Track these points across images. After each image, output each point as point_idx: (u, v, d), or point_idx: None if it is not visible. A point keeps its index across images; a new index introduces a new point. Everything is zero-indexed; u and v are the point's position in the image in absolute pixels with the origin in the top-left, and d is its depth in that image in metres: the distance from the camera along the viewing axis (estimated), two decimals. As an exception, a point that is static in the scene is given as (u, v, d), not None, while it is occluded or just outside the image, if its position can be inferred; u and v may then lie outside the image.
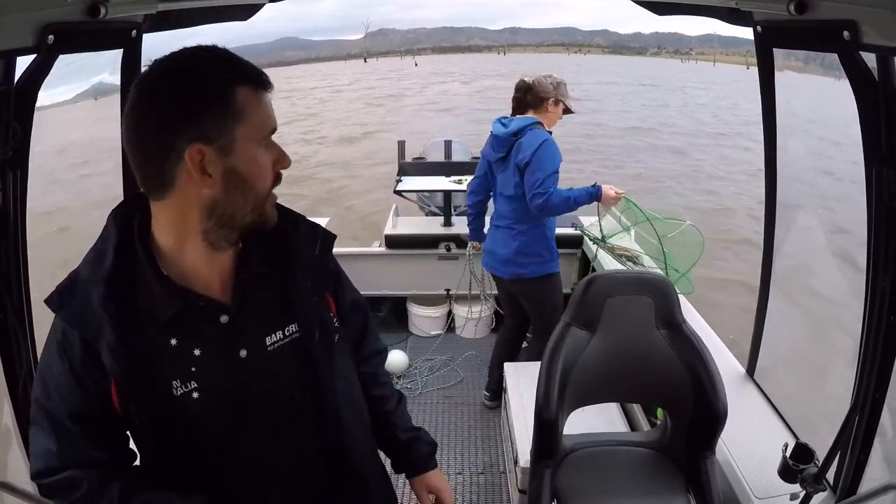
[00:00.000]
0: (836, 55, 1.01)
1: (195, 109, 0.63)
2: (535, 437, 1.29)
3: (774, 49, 1.32)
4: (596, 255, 2.57)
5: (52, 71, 0.96)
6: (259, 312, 0.74)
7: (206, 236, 0.68)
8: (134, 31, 1.15)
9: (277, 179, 0.70)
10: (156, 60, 0.65)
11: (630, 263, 2.21)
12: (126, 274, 0.68)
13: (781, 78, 1.35)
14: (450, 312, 3.01)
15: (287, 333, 0.75)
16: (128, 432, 0.74)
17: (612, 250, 2.27)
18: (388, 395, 0.96)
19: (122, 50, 1.18)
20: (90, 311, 0.66)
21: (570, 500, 1.31)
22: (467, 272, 2.74)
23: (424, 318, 2.96)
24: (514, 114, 2.10)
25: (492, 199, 2.26)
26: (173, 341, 0.69)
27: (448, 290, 2.93)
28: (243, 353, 0.72)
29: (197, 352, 0.70)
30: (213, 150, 0.64)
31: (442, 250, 2.83)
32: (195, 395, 0.70)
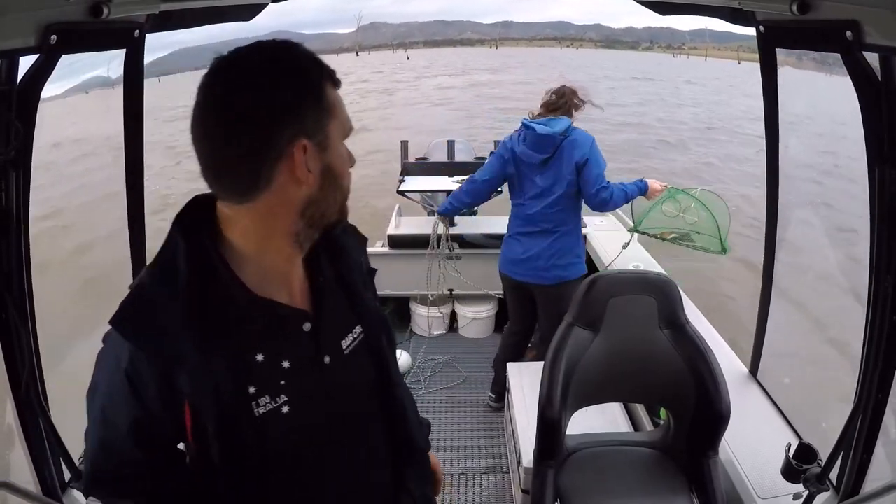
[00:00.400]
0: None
1: (297, 103, 0.60)
2: (539, 437, 1.29)
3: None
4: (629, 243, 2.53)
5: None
6: (333, 317, 0.73)
7: (296, 238, 0.66)
8: (136, 32, 1.15)
9: (349, 178, 0.69)
10: (227, 55, 0.60)
11: (683, 242, 2.22)
12: (203, 286, 0.62)
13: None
14: (453, 312, 3.00)
15: (355, 335, 0.75)
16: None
17: (662, 237, 2.27)
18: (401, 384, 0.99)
19: (124, 50, 1.18)
20: (167, 333, 0.60)
21: (573, 500, 1.31)
22: (471, 271, 2.73)
23: (427, 318, 2.96)
24: (544, 115, 2.10)
25: (517, 205, 2.20)
26: (259, 357, 0.65)
27: (451, 290, 2.92)
28: (327, 359, 0.71)
29: (286, 364, 0.66)
30: (313, 145, 0.62)
31: (444, 250, 2.84)
32: (285, 409, 0.66)
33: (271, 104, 0.59)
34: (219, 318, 0.62)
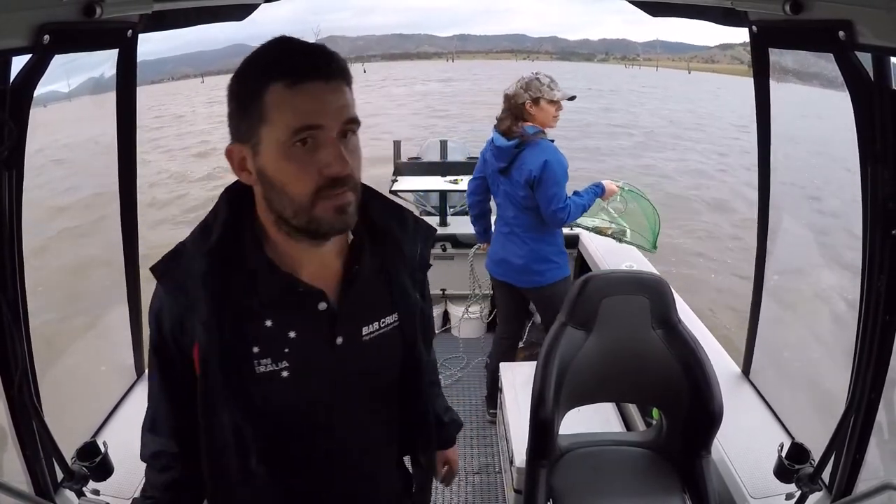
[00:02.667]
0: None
1: (231, 110, 0.65)
2: (531, 436, 1.29)
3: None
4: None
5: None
6: (360, 303, 0.75)
7: (279, 228, 0.69)
8: (129, 31, 1.16)
9: (331, 184, 0.64)
10: None
11: (616, 237, 2.36)
12: (230, 250, 0.69)
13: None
14: (445, 312, 3.00)
15: (383, 324, 0.77)
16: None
17: (600, 231, 2.38)
18: (436, 380, 1.02)
19: (117, 50, 1.18)
20: (190, 282, 0.68)
21: (565, 499, 1.31)
22: (464, 271, 2.74)
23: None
24: (510, 126, 2.01)
25: (494, 203, 2.22)
26: (269, 322, 0.70)
27: (443, 290, 2.92)
28: (339, 340, 0.74)
29: (292, 334, 0.71)
30: (247, 148, 0.65)
31: (437, 250, 2.83)
32: (284, 373, 0.71)
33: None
34: (238, 280, 0.69)
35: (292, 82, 0.62)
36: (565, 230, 2.72)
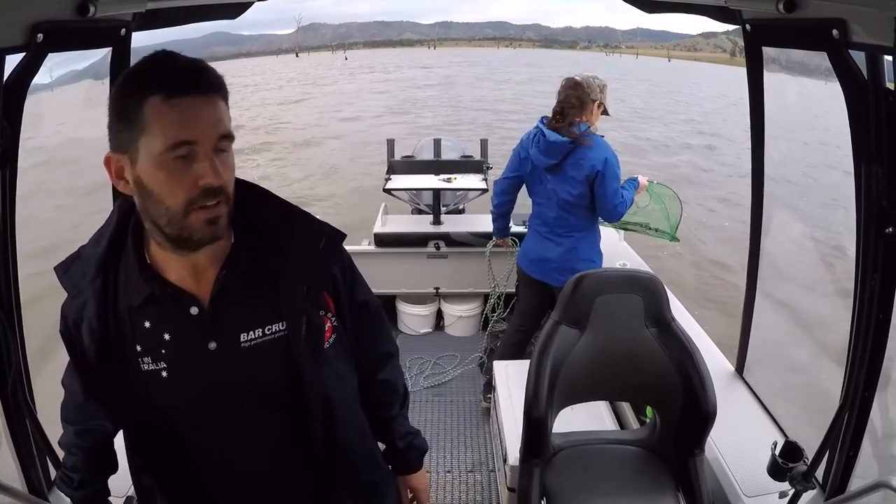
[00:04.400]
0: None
1: (111, 121, 0.67)
2: (525, 435, 1.29)
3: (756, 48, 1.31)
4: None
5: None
6: (239, 308, 0.75)
7: (160, 234, 0.70)
8: (123, 30, 1.15)
9: (204, 195, 0.65)
10: None
11: (647, 229, 2.39)
12: (116, 256, 0.74)
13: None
14: (439, 310, 3.01)
15: (269, 332, 0.76)
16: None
17: (626, 225, 2.40)
18: (390, 401, 0.96)
19: (110, 49, 1.18)
20: (83, 284, 0.74)
21: (559, 498, 1.31)
22: (456, 269, 2.73)
23: (413, 317, 2.96)
24: (559, 116, 2.00)
25: (534, 203, 2.17)
26: (147, 324, 0.74)
27: (437, 289, 2.93)
28: (212, 345, 0.74)
29: (167, 336, 0.74)
30: (125, 158, 0.66)
31: (431, 248, 2.83)
32: (164, 374, 0.74)
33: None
34: (120, 283, 0.74)
35: (168, 96, 0.63)
36: None
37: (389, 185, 2.87)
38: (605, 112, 2.07)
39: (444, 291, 2.93)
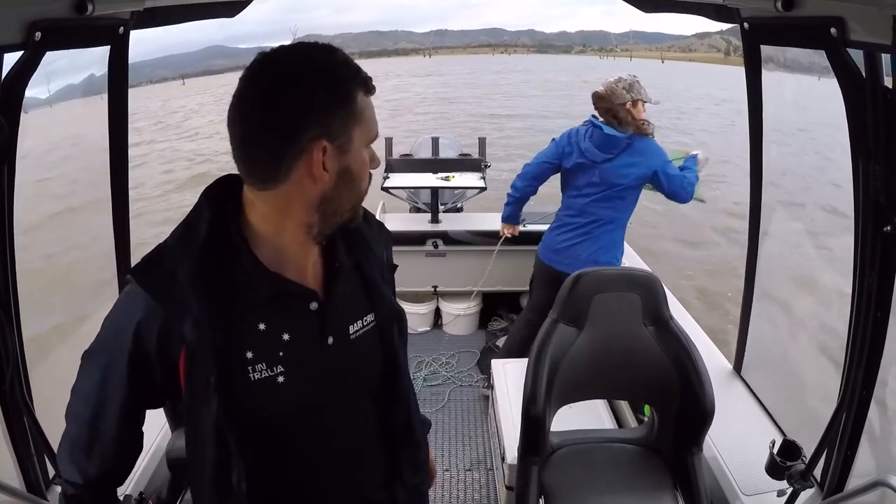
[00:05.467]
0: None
1: (324, 106, 0.64)
2: (523, 433, 1.29)
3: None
4: None
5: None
6: (344, 301, 0.76)
7: (308, 229, 0.69)
8: (121, 28, 1.15)
9: (370, 180, 0.72)
10: (271, 52, 0.66)
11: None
12: (217, 252, 0.67)
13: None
14: (437, 309, 3.01)
15: (366, 322, 0.77)
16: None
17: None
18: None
19: (108, 47, 1.18)
20: (175, 284, 0.65)
21: (557, 496, 1.32)
22: (455, 268, 2.73)
23: (412, 315, 2.94)
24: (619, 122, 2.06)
25: (569, 196, 2.18)
26: (262, 326, 0.69)
27: (435, 287, 2.92)
28: (330, 339, 0.74)
29: (286, 336, 0.70)
30: (333, 147, 0.65)
31: (429, 247, 2.83)
32: (280, 378, 0.69)
33: (300, 103, 0.63)
34: (227, 282, 0.67)
35: (368, 91, 0.68)
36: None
37: (387, 184, 2.87)
38: (647, 102, 2.09)
39: (443, 290, 2.93)
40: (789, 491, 1.16)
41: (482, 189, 2.87)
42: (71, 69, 1.41)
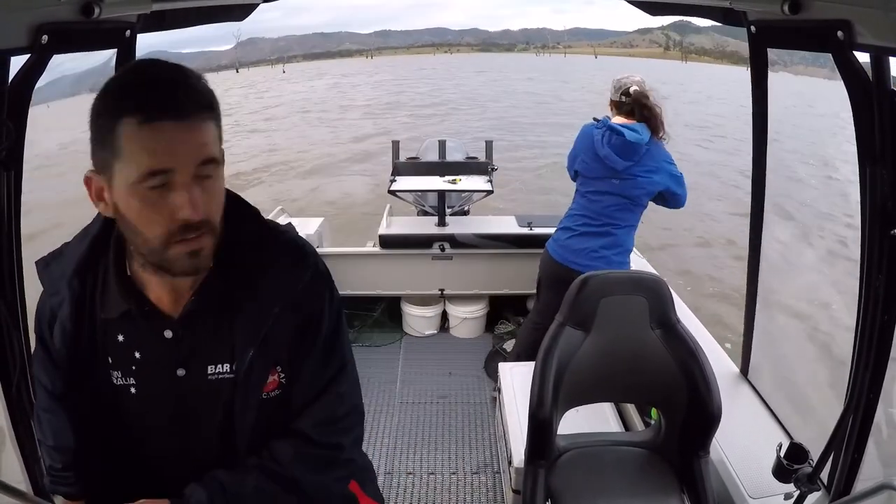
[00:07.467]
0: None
1: (91, 137, 0.61)
2: (529, 436, 1.29)
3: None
4: None
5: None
6: (206, 340, 0.70)
7: (144, 258, 0.66)
8: (128, 31, 1.15)
9: (183, 229, 0.61)
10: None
11: None
12: (97, 262, 0.71)
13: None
14: (444, 312, 3.01)
15: (222, 371, 0.71)
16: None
17: None
18: (268, 468, 0.74)
19: (115, 50, 1.18)
20: (61, 283, 0.71)
21: (564, 500, 1.31)
22: (462, 271, 2.73)
23: (418, 318, 2.96)
24: (618, 116, 2.05)
25: (581, 196, 2.16)
26: (120, 337, 0.71)
27: (442, 290, 2.93)
28: (181, 371, 0.71)
29: (138, 355, 0.71)
30: (103, 179, 0.62)
31: (436, 250, 2.82)
32: (132, 390, 0.72)
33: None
34: (98, 291, 0.71)
35: (143, 119, 0.57)
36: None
37: (394, 187, 2.86)
38: (618, 101, 2.07)
39: (449, 293, 2.93)
40: (796, 494, 1.16)
41: (489, 192, 2.88)
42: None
